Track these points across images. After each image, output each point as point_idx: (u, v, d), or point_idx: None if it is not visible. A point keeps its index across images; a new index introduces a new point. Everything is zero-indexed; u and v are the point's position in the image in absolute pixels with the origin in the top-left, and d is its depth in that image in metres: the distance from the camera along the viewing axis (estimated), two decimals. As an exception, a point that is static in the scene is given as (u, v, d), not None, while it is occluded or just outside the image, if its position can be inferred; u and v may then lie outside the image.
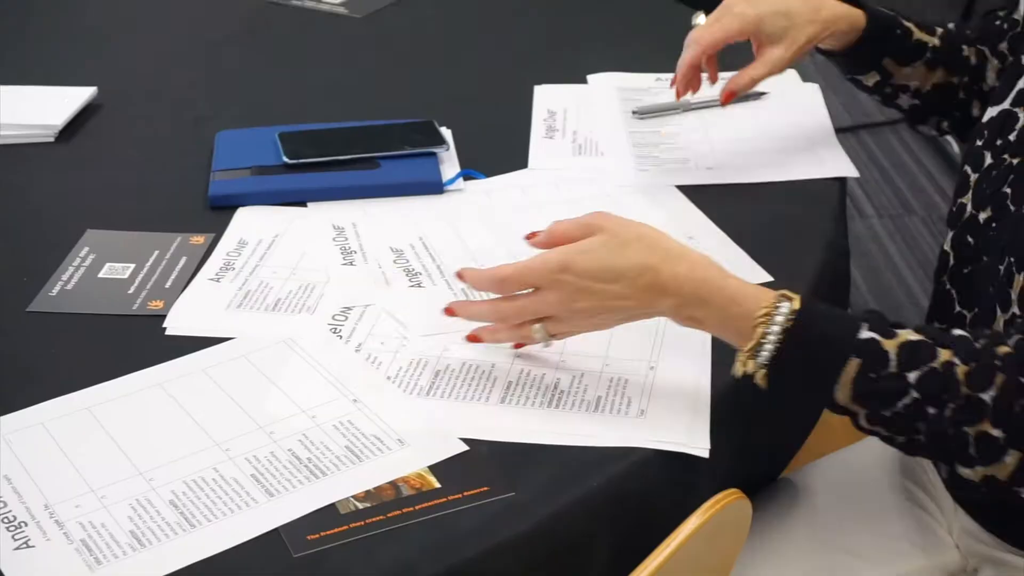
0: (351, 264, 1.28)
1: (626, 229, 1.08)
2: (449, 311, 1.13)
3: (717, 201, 1.39)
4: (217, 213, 1.38)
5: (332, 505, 0.98)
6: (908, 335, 1.03)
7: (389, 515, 0.97)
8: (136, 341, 1.19)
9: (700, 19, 1.42)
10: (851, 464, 1.39)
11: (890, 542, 1.30)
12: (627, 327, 1.12)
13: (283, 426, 1.06)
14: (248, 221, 1.36)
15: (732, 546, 1.08)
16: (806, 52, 1.40)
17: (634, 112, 1.57)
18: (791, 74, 1.62)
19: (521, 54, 1.78)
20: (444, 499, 0.99)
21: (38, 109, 1.58)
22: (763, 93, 1.58)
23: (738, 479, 1.08)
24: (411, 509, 0.98)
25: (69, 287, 1.26)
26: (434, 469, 1.02)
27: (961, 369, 1.01)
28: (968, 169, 1.27)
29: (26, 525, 0.97)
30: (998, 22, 1.46)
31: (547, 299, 1.08)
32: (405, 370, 1.14)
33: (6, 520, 0.97)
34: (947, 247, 1.28)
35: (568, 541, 1.01)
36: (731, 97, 1.39)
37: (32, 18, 1.92)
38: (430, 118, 1.52)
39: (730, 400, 1.11)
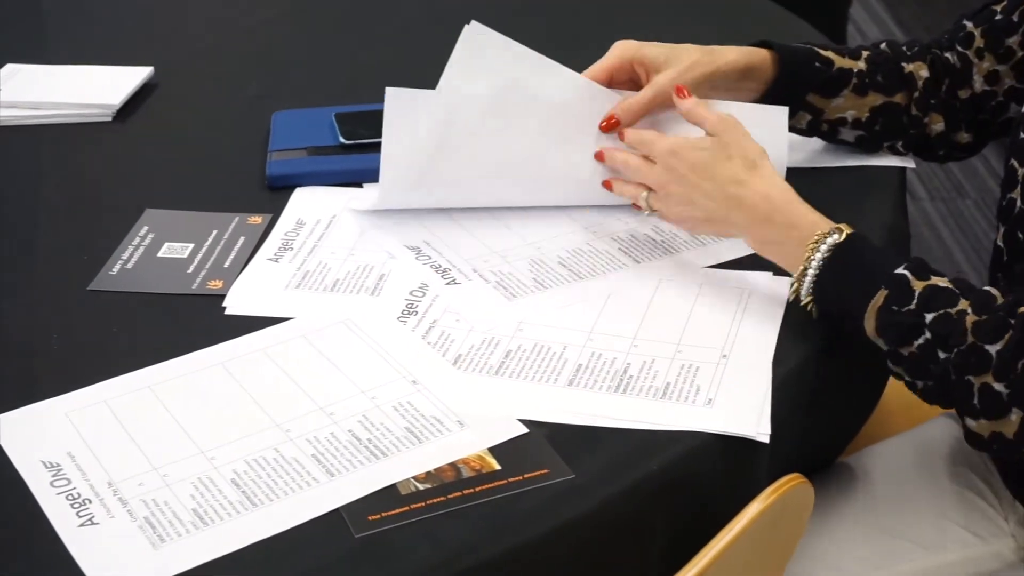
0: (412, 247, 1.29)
1: (736, 146, 1.21)
2: (599, 156, 1.31)
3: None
4: (274, 193, 1.39)
5: (393, 486, 0.98)
6: (939, 281, 1.10)
7: (450, 496, 0.97)
8: (195, 320, 1.19)
9: None
10: (908, 449, 1.38)
11: (946, 528, 1.30)
12: (705, 313, 1.17)
13: (343, 407, 1.07)
14: (306, 201, 1.37)
15: (794, 531, 1.07)
16: (699, 80, 1.32)
17: None
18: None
19: (583, 31, 1.77)
20: (504, 481, 0.99)
21: (96, 88, 1.60)
22: None
23: (796, 464, 1.08)
24: (471, 491, 0.98)
25: (129, 266, 1.26)
26: (494, 451, 1.02)
27: (971, 318, 1.07)
28: (1015, 163, 1.25)
29: (90, 502, 0.97)
30: (999, 17, 1.36)
31: (654, 170, 1.24)
32: (477, 348, 1.14)
33: (70, 497, 0.98)
34: (999, 242, 1.27)
35: (627, 524, 1.01)
36: (613, 127, 1.31)
37: (89, -2, 1.94)
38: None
39: (791, 385, 1.11)
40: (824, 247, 1.13)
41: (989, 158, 3.20)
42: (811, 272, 1.13)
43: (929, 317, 1.08)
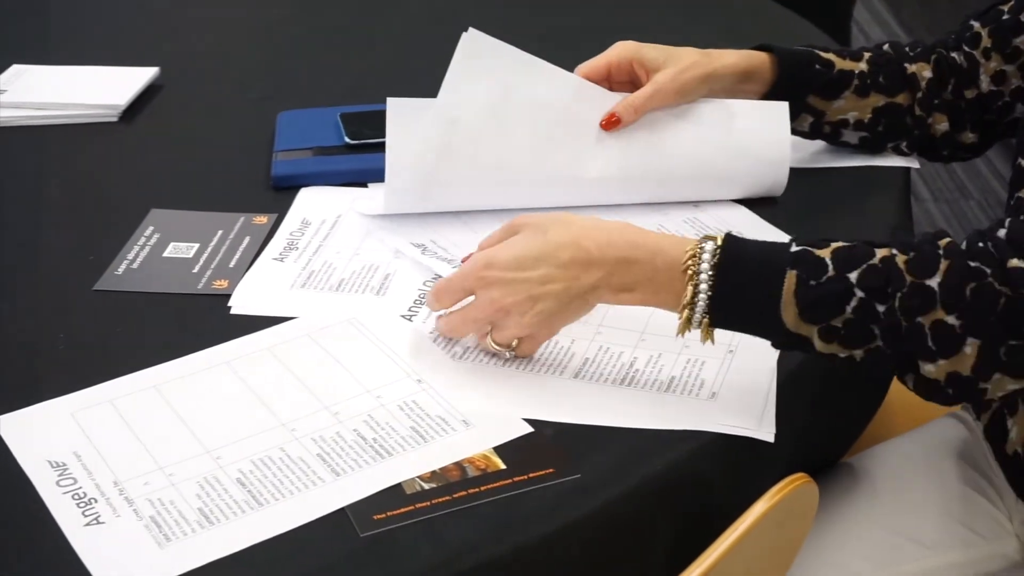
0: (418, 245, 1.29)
1: (544, 218, 1.10)
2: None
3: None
4: (279, 193, 1.39)
5: (398, 485, 0.98)
6: (840, 243, 1.04)
7: (455, 495, 0.97)
8: (201, 320, 1.20)
9: None
10: (911, 449, 1.38)
11: (950, 528, 1.30)
12: None
13: (348, 406, 1.07)
14: (311, 201, 1.37)
15: (799, 530, 1.07)
16: (698, 80, 1.33)
17: None
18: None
19: (585, 31, 1.77)
20: (509, 480, 0.99)
21: (102, 89, 1.60)
22: None
23: (800, 464, 1.07)
24: (476, 490, 0.98)
25: (135, 266, 1.27)
26: (499, 450, 1.02)
27: (901, 258, 1.02)
28: (1022, 162, 1.25)
29: (96, 502, 0.98)
30: (1006, 16, 1.36)
31: (479, 303, 1.10)
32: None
33: (76, 496, 0.98)
34: None
35: (632, 524, 1.01)
36: (614, 124, 1.32)
37: (94, -1, 1.94)
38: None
39: (794, 384, 1.11)
40: (706, 255, 1.03)
41: (993, 159, 3.20)
42: (703, 288, 1.03)
43: (854, 276, 1.01)
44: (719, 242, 1.04)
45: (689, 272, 1.04)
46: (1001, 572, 1.29)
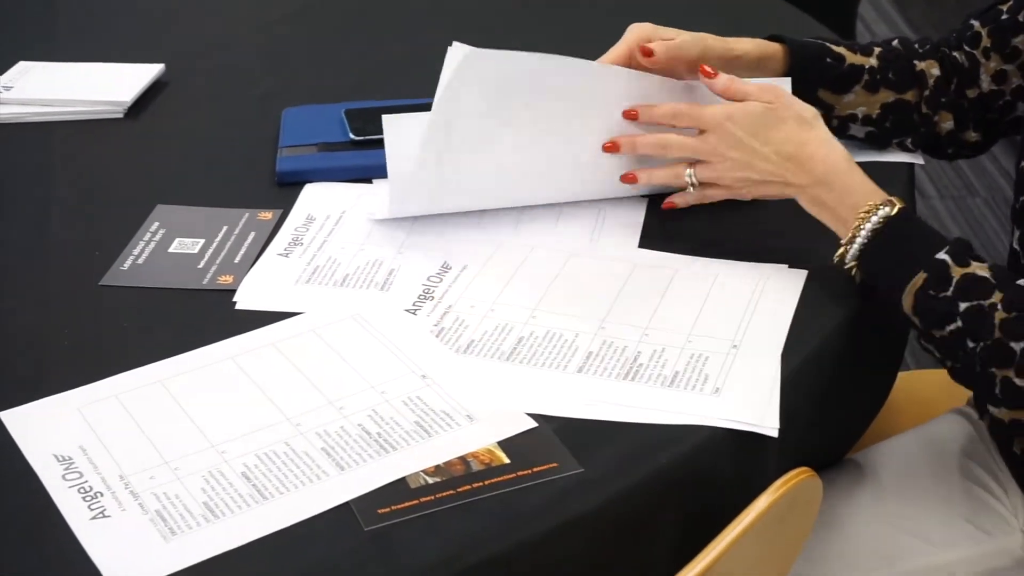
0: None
1: (788, 108, 1.23)
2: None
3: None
4: (284, 189, 1.39)
5: (402, 479, 0.99)
6: (978, 269, 1.13)
7: (459, 490, 0.98)
8: (206, 315, 1.20)
9: None
10: (916, 446, 1.38)
11: (955, 525, 1.30)
12: (718, 303, 1.18)
13: (353, 401, 1.07)
14: (316, 197, 1.37)
15: (802, 525, 1.08)
16: (714, 64, 1.31)
17: None
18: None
19: (590, 28, 1.77)
20: (513, 475, 0.99)
21: (107, 86, 1.60)
22: None
23: (804, 459, 1.07)
24: (480, 484, 0.98)
25: (140, 261, 1.27)
26: (503, 445, 1.02)
27: (1000, 315, 1.10)
28: None
29: (102, 495, 0.98)
30: (1005, 16, 1.36)
31: (708, 140, 1.24)
32: (490, 334, 1.15)
33: (82, 490, 0.98)
34: (1015, 245, 1.27)
35: (636, 518, 1.01)
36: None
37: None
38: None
39: (798, 379, 1.11)
40: (875, 218, 1.16)
41: (999, 156, 3.20)
42: (858, 241, 1.16)
43: (963, 307, 1.11)
44: (892, 211, 1.16)
45: (856, 224, 1.17)
46: (1006, 568, 1.29)
